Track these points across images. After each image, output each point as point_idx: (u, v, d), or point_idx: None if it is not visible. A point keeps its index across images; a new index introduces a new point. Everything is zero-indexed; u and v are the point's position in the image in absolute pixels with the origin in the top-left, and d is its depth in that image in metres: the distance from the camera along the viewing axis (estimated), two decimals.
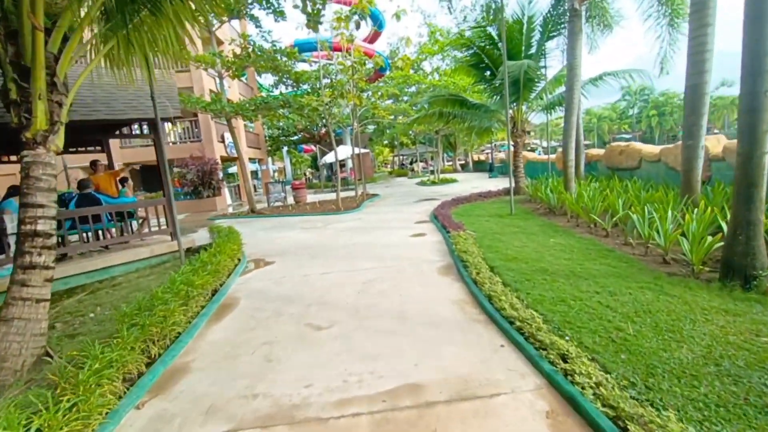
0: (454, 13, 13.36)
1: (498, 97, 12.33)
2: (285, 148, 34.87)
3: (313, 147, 30.88)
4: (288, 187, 16.36)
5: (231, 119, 12.75)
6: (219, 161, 17.02)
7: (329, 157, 21.12)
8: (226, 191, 18.42)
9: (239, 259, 6.16)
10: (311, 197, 18.31)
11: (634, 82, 9.61)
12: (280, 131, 27.73)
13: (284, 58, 13.51)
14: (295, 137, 29.06)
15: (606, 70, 10.00)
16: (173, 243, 7.12)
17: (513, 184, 8.55)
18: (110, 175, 7.85)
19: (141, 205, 7.09)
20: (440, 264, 5.15)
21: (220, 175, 17.21)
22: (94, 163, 7.71)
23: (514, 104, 11.74)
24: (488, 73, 11.97)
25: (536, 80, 10.71)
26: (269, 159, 51.78)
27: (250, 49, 11.84)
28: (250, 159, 24.94)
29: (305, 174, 48.07)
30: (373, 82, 18.91)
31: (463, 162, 34.85)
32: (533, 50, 11.31)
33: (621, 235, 5.85)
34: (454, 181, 19.76)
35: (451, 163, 36.40)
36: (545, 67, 11.29)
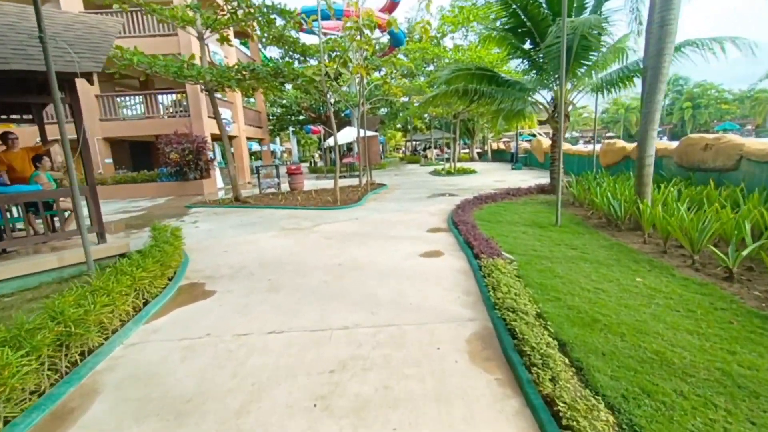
0: None
1: (536, 74, 9.97)
2: (291, 129, 32.82)
3: (320, 128, 28.67)
4: (284, 171, 14.37)
5: (213, 90, 10.70)
6: (208, 139, 15.07)
7: (332, 140, 19.05)
8: (217, 173, 16.54)
9: (170, 279, 4.23)
10: (313, 183, 16.29)
11: (720, 57, 7.20)
12: (285, 110, 25.60)
13: (282, 21, 11.34)
14: (301, 117, 26.95)
15: (688, 38, 7.60)
16: (100, 248, 5.23)
17: (560, 183, 6.38)
18: (27, 152, 5.95)
19: (47, 196, 5.17)
20: (469, 329, 3.04)
21: (210, 155, 15.28)
22: (4, 137, 5.80)
23: (557, 81, 9.38)
24: (528, 42, 9.58)
25: (593, 48, 8.32)
26: (277, 139, 49.98)
27: (233, 1, 9.65)
28: (249, 138, 22.97)
29: (313, 156, 46.05)
30: (387, 56, 16.50)
31: (480, 150, 32.20)
32: (587, 12, 8.89)
33: (757, 280, 3.71)
34: (472, 171, 17.48)
35: (467, 150, 33.79)
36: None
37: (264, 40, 24.30)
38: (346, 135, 19.69)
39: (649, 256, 4.62)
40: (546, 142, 17.76)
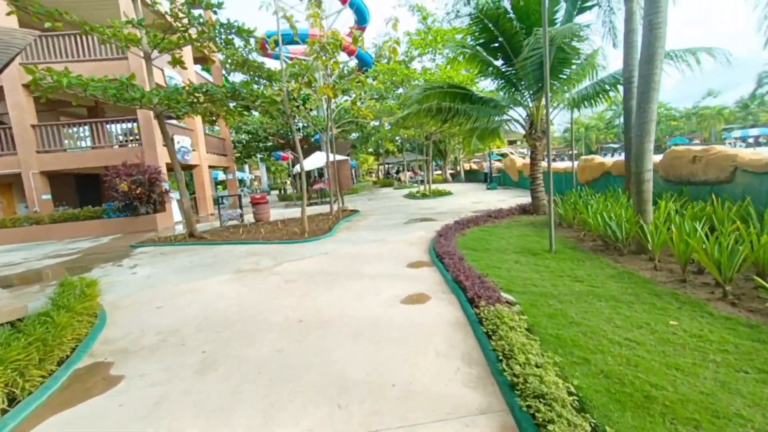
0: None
1: (511, 91, 9.60)
2: (259, 156, 31.68)
3: (289, 154, 27.71)
4: (247, 201, 13.21)
5: (162, 115, 9.63)
6: (163, 169, 13.76)
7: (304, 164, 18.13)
8: (174, 206, 15.11)
9: (67, 356, 3.08)
10: (280, 212, 15.15)
11: (694, 68, 7.02)
12: (251, 136, 24.55)
13: (241, 41, 10.61)
14: (269, 143, 25.99)
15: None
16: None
17: (551, 206, 5.72)
18: None
19: None
20: (483, 429, 2.13)
21: (165, 186, 13.92)
22: None
23: (532, 97, 9.03)
24: (500, 59, 9.23)
25: (569, 62, 8.00)
26: (245, 167, 48.52)
27: (184, 19, 8.80)
28: (213, 167, 21.65)
29: (284, 183, 44.84)
30: (354, 76, 15.90)
31: (452, 171, 32.19)
32: (558, 26, 8.68)
33: None
34: (447, 193, 16.95)
35: (439, 172, 33.75)
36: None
37: (228, 65, 23.53)
38: (316, 160, 18.83)
39: (669, 288, 3.91)
40: (519, 161, 17.62)
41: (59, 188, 15.78)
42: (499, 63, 9.42)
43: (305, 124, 22.07)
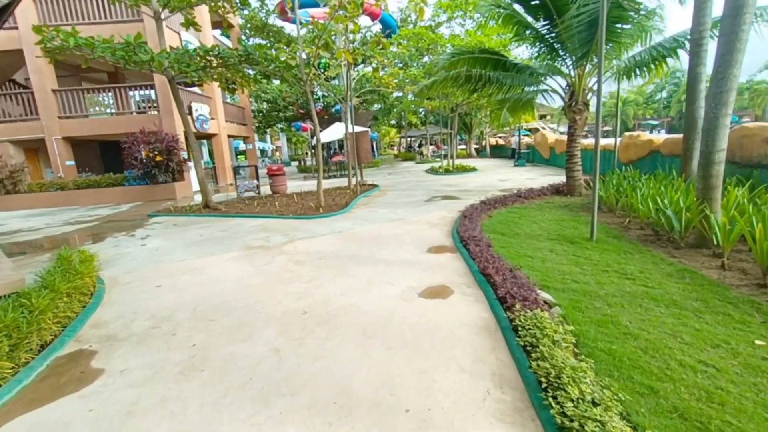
0: None
1: (551, 57, 8.55)
2: (280, 126, 31.24)
3: (308, 125, 27.08)
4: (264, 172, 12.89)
5: (174, 79, 9.19)
6: (181, 137, 13.51)
7: (323, 135, 17.58)
8: (192, 175, 14.98)
9: (52, 339, 2.79)
10: (298, 184, 14.79)
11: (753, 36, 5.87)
12: (271, 105, 23.96)
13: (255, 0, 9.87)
14: (288, 113, 25.39)
15: None
16: None
17: (596, 191, 4.99)
18: None
19: None
20: None
21: (183, 155, 13.73)
22: None
23: (575, 65, 8.00)
24: (541, 19, 8.15)
25: (626, 17, 6.89)
26: (267, 137, 48.37)
27: None
28: (232, 137, 21.38)
29: (306, 154, 44.51)
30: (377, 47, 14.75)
31: (477, 146, 30.77)
32: None
33: None
34: (472, 169, 16.07)
35: (463, 147, 32.26)
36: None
37: (247, 30, 22.69)
38: (335, 132, 18.15)
39: (746, 294, 3.24)
40: (552, 136, 16.39)
41: (83, 154, 15.90)
42: (539, 25, 8.34)
43: (325, 93, 21.25)
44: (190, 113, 14.70)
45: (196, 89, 16.39)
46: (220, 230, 7.16)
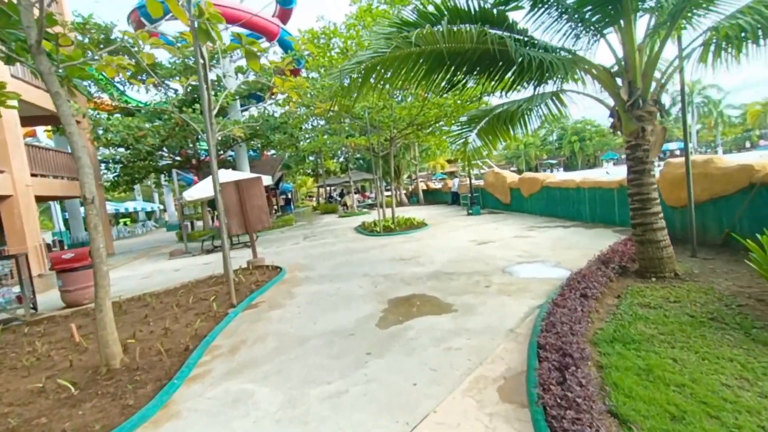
0: None
1: (572, 28, 4.70)
2: (163, 178, 24.16)
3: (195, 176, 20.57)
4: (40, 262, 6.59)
5: None
6: None
7: (190, 192, 11.75)
8: None
9: None
10: (154, 268, 8.56)
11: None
12: (131, 152, 17.07)
13: None
14: (164, 161, 19.02)
15: None
16: None
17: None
18: None
19: None
20: None
21: None
22: None
23: (622, 30, 4.21)
24: None
25: None
26: (154, 195, 39.41)
27: None
28: (52, 198, 14.14)
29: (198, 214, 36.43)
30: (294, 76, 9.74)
31: (407, 192, 26.76)
32: None
33: None
34: (421, 224, 11.66)
35: (389, 193, 27.54)
36: None
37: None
38: (203, 188, 11.66)
39: None
40: (511, 176, 13.07)
41: None
42: None
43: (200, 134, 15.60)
44: None
45: None
46: None
